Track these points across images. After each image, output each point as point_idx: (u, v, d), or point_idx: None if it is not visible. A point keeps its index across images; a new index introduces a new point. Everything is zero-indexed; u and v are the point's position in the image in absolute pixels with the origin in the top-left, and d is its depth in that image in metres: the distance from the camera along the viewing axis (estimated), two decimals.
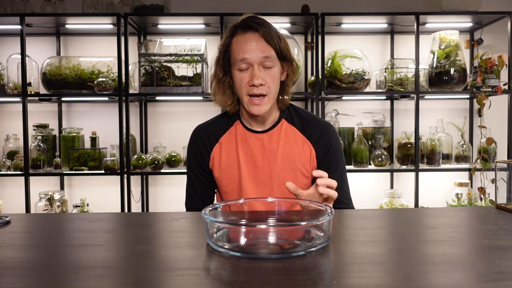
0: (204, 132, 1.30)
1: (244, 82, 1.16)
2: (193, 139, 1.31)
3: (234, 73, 1.18)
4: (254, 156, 1.23)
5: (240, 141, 1.25)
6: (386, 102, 2.99)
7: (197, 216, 0.94)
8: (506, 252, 0.66)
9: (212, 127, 1.30)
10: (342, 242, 0.72)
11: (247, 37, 1.16)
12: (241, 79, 1.17)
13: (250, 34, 1.16)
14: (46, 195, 2.53)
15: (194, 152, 1.30)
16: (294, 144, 1.24)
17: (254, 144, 1.24)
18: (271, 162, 1.22)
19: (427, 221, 0.91)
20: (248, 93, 1.17)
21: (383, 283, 0.54)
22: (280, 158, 1.22)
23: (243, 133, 1.26)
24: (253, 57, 1.14)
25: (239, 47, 1.16)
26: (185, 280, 0.55)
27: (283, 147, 1.23)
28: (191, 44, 2.65)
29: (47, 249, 0.71)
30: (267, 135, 1.24)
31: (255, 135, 1.25)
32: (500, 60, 2.36)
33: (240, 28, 1.18)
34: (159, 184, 2.99)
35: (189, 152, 1.32)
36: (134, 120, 2.91)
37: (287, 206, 0.88)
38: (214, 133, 1.28)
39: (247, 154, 1.23)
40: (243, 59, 1.15)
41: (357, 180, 2.99)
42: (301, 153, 1.24)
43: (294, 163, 1.23)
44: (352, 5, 2.89)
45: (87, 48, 2.93)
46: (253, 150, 1.23)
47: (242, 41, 1.16)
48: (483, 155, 2.47)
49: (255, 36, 1.16)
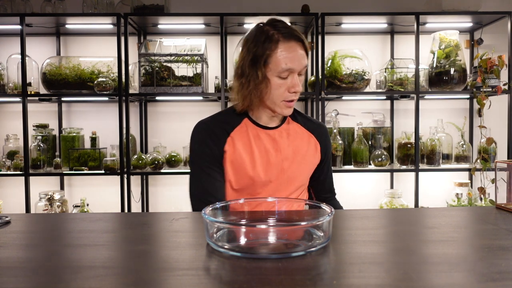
0: (214, 126, 1.26)
1: (283, 88, 1.19)
2: (202, 134, 1.26)
3: (270, 78, 1.18)
4: (268, 151, 1.25)
5: (253, 137, 1.26)
6: (386, 102, 2.99)
7: (197, 216, 0.94)
8: (506, 252, 0.66)
9: (220, 122, 1.27)
10: (342, 242, 0.72)
11: (292, 47, 1.17)
12: (280, 85, 1.19)
13: (294, 43, 1.17)
14: (46, 195, 2.53)
15: (206, 146, 1.24)
16: (301, 139, 1.32)
17: (267, 139, 1.27)
18: (283, 156, 1.27)
19: (427, 221, 0.91)
20: (286, 99, 1.21)
21: (383, 283, 0.54)
22: (291, 153, 1.28)
23: (255, 130, 1.27)
24: (297, 67, 1.18)
25: (284, 56, 1.16)
26: (185, 280, 0.55)
27: (292, 142, 1.30)
28: (191, 44, 2.65)
29: (47, 249, 0.71)
30: (277, 131, 1.29)
31: (266, 131, 1.28)
32: (500, 60, 2.36)
33: (282, 36, 1.17)
34: (159, 184, 2.99)
35: (198, 147, 1.25)
36: (134, 120, 2.91)
37: (287, 207, 0.88)
38: (224, 127, 1.26)
39: (261, 150, 1.25)
40: (289, 68, 1.17)
41: (357, 180, 2.99)
42: (308, 147, 1.32)
43: (303, 157, 1.30)
44: (352, 5, 2.89)
45: (87, 48, 2.93)
46: (266, 145, 1.26)
47: (287, 50, 1.16)
48: (483, 155, 2.47)
49: (298, 45, 1.18)
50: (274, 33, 1.17)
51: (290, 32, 1.18)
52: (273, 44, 1.17)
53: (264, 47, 1.17)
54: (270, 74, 1.18)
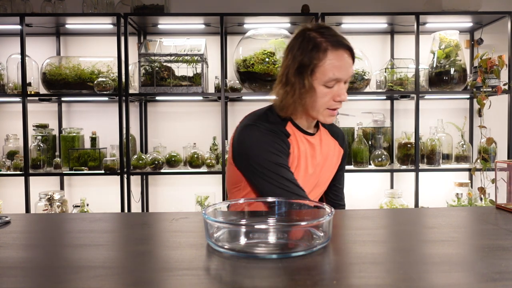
0: (277, 129, 1.21)
1: (328, 97, 1.17)
2: (271, 134, 1.19)
3: (316, 87, 1.15)
4: (307, 157, 1.25)
5: (300, 142, 1.26)
6: (386, 102, 2.99)
7: (197, 216, 0.94)
8: (506, 252, 0.66)
9: (275, 126, 1.22)
10: (342, 242, 0.72)
11: (340, 56, 1.14)
12: (325, 94, 1.16)
13: (342, 52, 1.15)
14: (46, 195, 2.53)
15: (280, 145, 1.18)
16: (329, 146, 1.33)
17: (307, 145, 1.27)
18: (317, 163, 1.28)
19: (427, 221, 0.91)
20: (330, 107, 1.19)
21: (383, 283, 0.54)
22: (322, 159, 1.29)
23: (299, 135, 1.26)
24: (344, 77, 1.16)
25: (333, 66, 1.13)
26: (185, 280, 0.55)
27: (323, 148, 1.31)
28: (191, 44, 2.65)
29: (47, 249, 0.71)
30: (314, 138, 1.29)
31: (306, 137, 1.27)
32: (500, 60, 2.36)
33: (331, 44, 1.14)
34: (159, 184, 2.99)
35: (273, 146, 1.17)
36: (134, 120, 2.91)
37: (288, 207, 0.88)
38: (282, 131, 1.23)
39: (302, 155, 1.25)
40: (336, 78, 1.14)
41: (357, 180, 2.99)
42: (333, 154, 1.35)
43: (330, 164, 1.33)
44: (352, 5, 2.89)
45: (87, 48, 2.93)
46: (306, 151, 1.26)
47: (335, 59, 1.14)
48: (483, 155, 2.47)
49: (346, 53, 1.16)
50: (322, 41, 1.14)
51: (338, 40, 1.14)
52: (321, 53, 1.13)
53: (312, 56, 1.13)
54: (316, 83, 1.15)
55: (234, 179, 1.26)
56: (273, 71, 2.50)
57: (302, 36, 1.17)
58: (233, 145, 1.24)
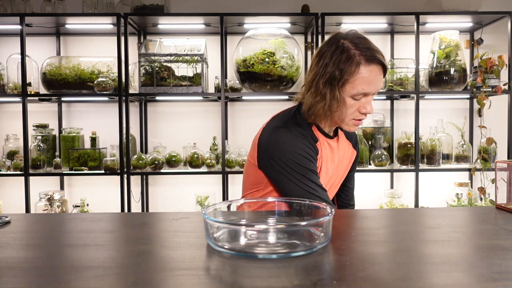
0: (307, 133, 1.22)
1: (354, 108, 1.17)
2: (303, 138, 1.19)
3: (344, 97, 1.15)
4: (327, 160, 1.27)
5: (323, 146, 1.26)
6: (386, 102, 2.99)
7: (197, 216, 0.94)
8: (506, 252, 0.66)
9: (304, 130, 1.23)
10: (342, 242, 0.72)
11: (372, 71, 1.13)
12: (352, 105, 1.17)
13: (375, 67, 1.13)
14: (46, 195, 2.53)
15: (311, 149, 1.20)
16: (345, 149, 1.35)
17: (329, 149, 1.28)
18: (335, 166, 1.30)
19: (427, 221, 0.91)
20: (355, 118, 1.20)
21: (383, 283, 0.54)
22: (338, 162, 1.31)
23: (324, 139, 1.27)
24: (372, 91, 1.16)
25: (363, 81, 1.12)
26: (185, 280, 0.55)
27: (340, 151, 1.33)
28: (191, 44, 2.65)
29: (47, 249, 0.71)
30: (334, 140, 1.31)
31: (328, 140, 1.28)
32: (500, 60, 2.36)
33: (364, 58, 1.12)
34: (159, 184, 2.99)
35: (305, 150, 1.17)
36: (134, 120, 2.91)
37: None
38: (312, 136, 1.23)
39: (326, 157, 1.26)
40: (365, 93, 1.15)
41: (357, 180, 2.98)
42: (349, 156, 1.37)
43: (344, 163, 1.35)
44: (352, 5, 2.89)
45: (87, 48, 2.93)
46: (328, 154, 1.27)
47: (367, 75, 1.12)
48: (483, 155, 2.47)
49: (378, 68, 1.14)
50: (356, 54, 1.12)
51: (372, 54, 1.12)
52: (353, 66, 1.11)
53: (344, 69, 1.12)
54: (344, 94, 1.15)
55: (254, 180, 1.24)
56: (273, 71, 2.50)
57: (336, 45, 1.15)
58: (260, 145, 1.21)
